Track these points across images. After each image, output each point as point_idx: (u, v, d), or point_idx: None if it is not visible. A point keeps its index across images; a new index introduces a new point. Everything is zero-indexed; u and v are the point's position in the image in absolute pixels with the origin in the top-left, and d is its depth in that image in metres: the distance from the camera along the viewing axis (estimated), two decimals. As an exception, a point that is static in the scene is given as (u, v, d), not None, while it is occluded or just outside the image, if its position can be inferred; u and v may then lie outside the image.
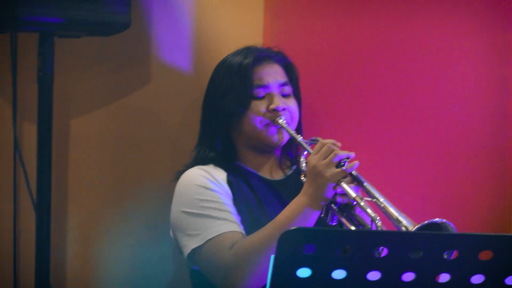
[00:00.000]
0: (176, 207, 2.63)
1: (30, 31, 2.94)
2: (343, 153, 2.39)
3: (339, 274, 1.80)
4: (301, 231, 1.85)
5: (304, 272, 1.80)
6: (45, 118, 2.95)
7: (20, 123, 3.11)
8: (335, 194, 2.39)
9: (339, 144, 2.45)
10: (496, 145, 3.06)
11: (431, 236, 1.84)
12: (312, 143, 2.62)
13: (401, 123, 3.10)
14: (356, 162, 2.38)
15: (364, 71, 3.09)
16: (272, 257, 1.79)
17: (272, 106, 2.66)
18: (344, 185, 2.36)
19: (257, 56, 2.72)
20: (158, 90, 3.21)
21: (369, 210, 2.30)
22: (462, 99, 3.06)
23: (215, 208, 2.56)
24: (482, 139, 3.07)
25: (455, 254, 1.82)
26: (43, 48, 2.92)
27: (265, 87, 2.69)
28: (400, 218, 2.19)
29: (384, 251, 1.79)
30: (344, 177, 2.38)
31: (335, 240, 1.80)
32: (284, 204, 2.54)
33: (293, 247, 1.78)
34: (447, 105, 3.06)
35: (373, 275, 1.81)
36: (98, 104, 3.21)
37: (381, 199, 2.31)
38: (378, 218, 2.26)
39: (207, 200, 2.58)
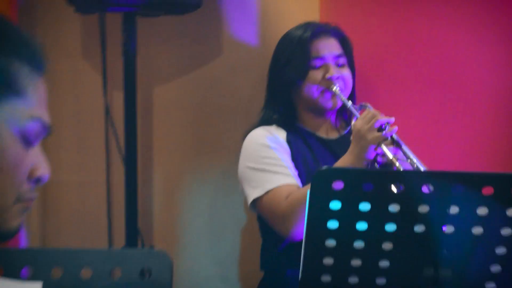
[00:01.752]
0: (242, 163, 2.76)
1: (115, 11, 3.04)
2: (384, 119, 2.50)
3: (365, 206, 1.91)
4: (331, 169, 2.00)
5: (335, 205, 1.91)
6: (130, 87, 3.08)
7: (109, 91, 3.23)
8: (376, 154, 2.51)
9: (382, 114, 2.54)
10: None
11: (440, 174, 1.96)
12: (361, 108, 2.71)
13: (440, 93, 3.09)
14: (395, 127, 2.49)
15: (411, 48, 3.09)
16: (308, 191, 1.92)
17: (327, 75, 2.74)
18: (384, 147, 2.48)
19: (315, 30, 2.79)
20: (229, 62, 3.26)
21: (402, 170, 2.41)
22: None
23: (274, 164, 2.68)
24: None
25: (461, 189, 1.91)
26: (126, 26, 3.02)
27: (321, 58, 2.76)
28: None
29: (401, 187, 1.91)
30: (385, 140, 2.49)
31: (359, 177, 1.93)
32: (337, 161, 2.62)
33: (325, 183, 1.90)
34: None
35: (394, 207, 1.91)
36: (176, 74, 3.29)
37: (415, 160, 2.44)
38: None
39: (268, 157, 2.70)
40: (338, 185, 1.91)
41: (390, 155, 2.46)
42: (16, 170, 1.20)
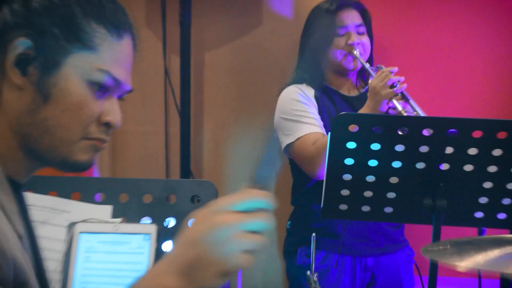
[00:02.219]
0: (277, 114, 2.78)
1: None
2: (395, 78, 2.52)
3: (375, 146, 1.96)
4: (348, 115, 2.03)
5: (351, 145, 1.97)
6: (185, 51, 3.12)
7: (168, 55, 3.28)
8: (388, 107, 2.53)
9: (396, 69, 2.55)
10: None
11: (438, 119, 1.96)
12: (377, 69, 2.72)
13: (443, 58, 3.07)
14: (405, 85, 2.51)
15: (421, 20, 3.07)
16: (329, 134, 1.99)
17: (349, 41, 2.75)
18: (394, 101, 2.50)
19: (340, 4, 2.79)
20: (268, 31, 3.26)
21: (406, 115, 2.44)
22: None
23: (303, 116, 2.69)
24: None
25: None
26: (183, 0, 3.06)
27: (344, 27, 2.77)
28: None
29: (405, 131, 1.95)
30: (396, 95, 2.51)
31: (371, 121, 1.96)
32: None
33: (342, 126, 1.95)
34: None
35: (399, 147, 1.96)
36: (224, 41, 3.30)
37: (420, 112, 2.46)
38: None
39: (299, 110, 2.71)
40: (353, 128, 1.95)
41: (399, 108, 2.49)
42: (80, 110, 1.20)
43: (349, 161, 2.00)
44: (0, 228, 1.10)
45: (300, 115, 2.72)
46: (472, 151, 1.95)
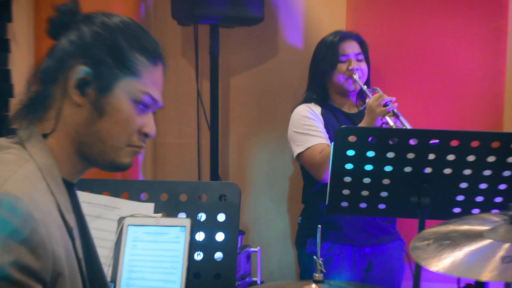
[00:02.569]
0: (290, 128, 2.80)
1: (205, 24, 3.11)
2: (388, 98, 2.53)
3: (370, 153, 1.97)
4: (347, 127, 2.04)
5: (350, 152, 1.98)
6: (214, 77, 3.12)
7: (200, 80, 3.30)
8: (382, 123, 2.54)
9: (394, 98, 2.54)
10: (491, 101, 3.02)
11: (422, 131, 1.98)
12: (373, 90, 2.73)
13: (430, 80, 3.04)
14: (396, 104, 2.52)
15: (411, 47, 3.05)
16: (332, 144, 2.01)
17: (350, 67, 2.76)
18: (387, 118, 2.51)
19: (342, 36, 2.82)
20: (282, 60, 3.26)
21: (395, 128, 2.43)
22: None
23: (312, 129, 2.71)
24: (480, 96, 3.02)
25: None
26: (212, 34, 3.09)
27: (346, 55, 2.78)
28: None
29: (395, 140, 1.95)
30: (388, 113, 2.51)
31: (366, 133, 1.98)
32: None
33: (343, 137, 1.97)
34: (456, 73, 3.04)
35: (390, 154, 1.97)
36: (246, 68, 3.31)
37: (408, 126, 2.46)
38: None
39: (308, 125, 2.73)
40: (352, 139, 1.97)
41: (391, 123, 2.50)
42: (127, 124, 1.25)
43: (349, 166, 2.01)
44: (47, 225, 1.11)
45: (309, 129, 2.74)
46: (450, 157, 1.95)
